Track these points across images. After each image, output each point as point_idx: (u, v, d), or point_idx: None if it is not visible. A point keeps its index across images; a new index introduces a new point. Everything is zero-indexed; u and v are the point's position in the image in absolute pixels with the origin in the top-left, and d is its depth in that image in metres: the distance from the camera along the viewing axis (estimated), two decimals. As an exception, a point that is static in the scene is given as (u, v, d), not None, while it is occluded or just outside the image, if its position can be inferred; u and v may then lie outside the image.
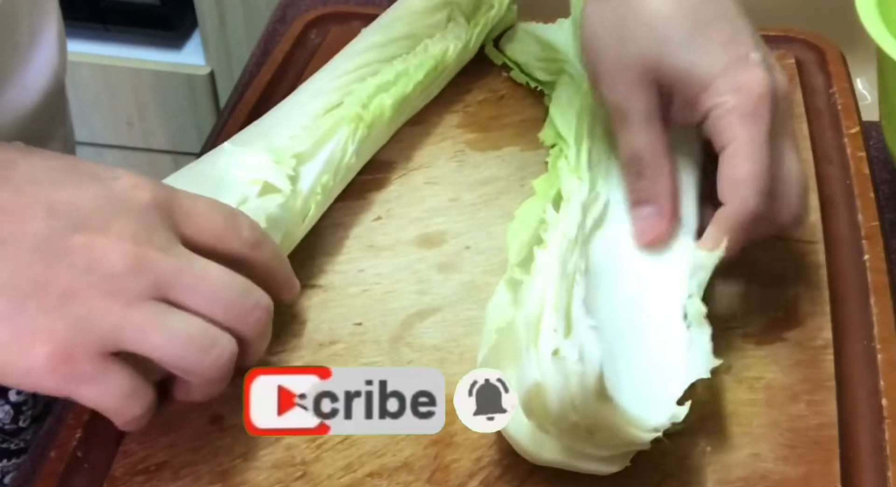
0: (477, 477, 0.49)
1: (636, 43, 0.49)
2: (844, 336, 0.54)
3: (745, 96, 0.48)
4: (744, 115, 0.48)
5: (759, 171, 0.48)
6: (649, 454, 0.49)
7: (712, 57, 0.49)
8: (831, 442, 0.49)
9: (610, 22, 0.50)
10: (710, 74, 0.49)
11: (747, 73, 0.49)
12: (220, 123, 0.73)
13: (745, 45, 0.49)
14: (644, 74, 0.50)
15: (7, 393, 0.68)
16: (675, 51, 0.49)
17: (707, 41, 0.49)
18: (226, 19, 1.45)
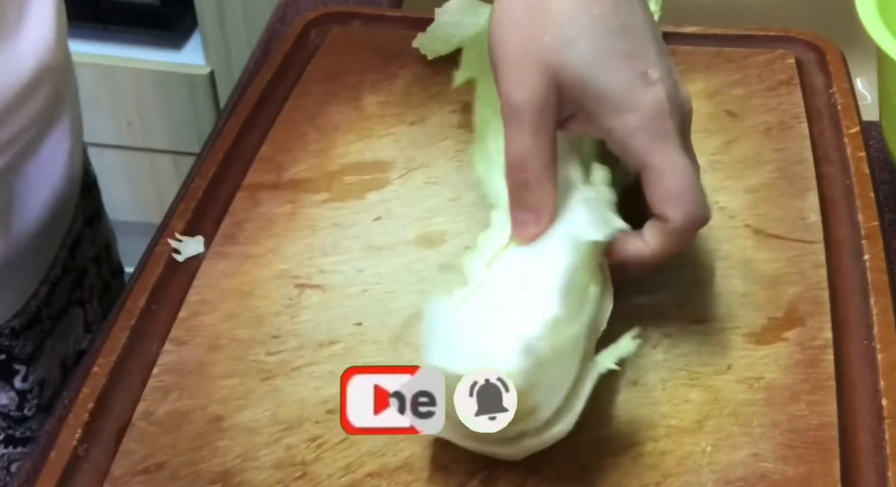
0: (477, 477, 0.49)
1: (541, 42, 0.48)
2: (844, 336, 0.54)
3: (647, 117, 0.48)
4: (651, 133, 0.48)
5: (688, 184, 0.49)
6: (649, 454, 0.49)
7: (614, 71, 0.48)
8: (831, 442, 0.49)
9: (517, 15, 0.49)
10: (611, 90, 0.48)
11: (648, 92, 0.48)
12: (220, 123, 0.73)
13: (646, 60, 0.48)
14: (544, 75, 0.48)
15: (13, 379, 0.68)
16: (580, 57, 0.48)
17: (610, 52, 0.48)
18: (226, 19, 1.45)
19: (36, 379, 0.70)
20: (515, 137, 0.49)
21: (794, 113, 0.67)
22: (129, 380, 0.54)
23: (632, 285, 0.56)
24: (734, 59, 0.72)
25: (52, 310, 0.71)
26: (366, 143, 0.67)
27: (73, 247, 0.73)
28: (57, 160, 0.68)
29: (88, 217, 0.76)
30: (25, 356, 0.69)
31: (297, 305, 0.57)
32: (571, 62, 0.48)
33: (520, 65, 0.48)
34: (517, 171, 0.49)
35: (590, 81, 0.48)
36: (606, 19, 0.48)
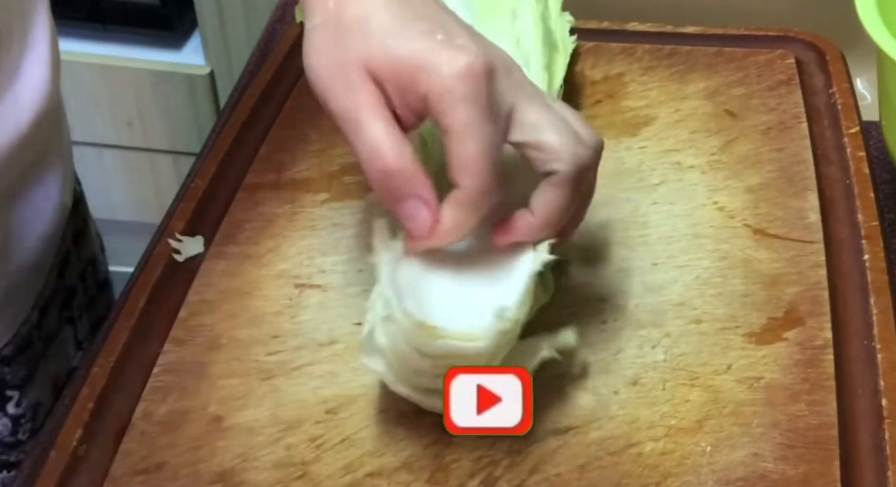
0: (477, 477, 0.49)
1: (346, 48, 0.48)
2: (844, 336, 0.54)
3: (455, 78, 0.46)
4: (457, 96, 0.46)
5: (482, 151, 0.47)
6: (649, 454, 0.49)
7: (417, 42, 0.47)
8: (831, 442, 0.49)
9: (318, 43, 0.49)
10: (417, 56, 0.47)
11: (454, 53, 0.47)
12: (220, 123, 0.73)
13: (448, 33, 0.48)
14: (358, 74, 0.48)
15: (6, 406, 0.68)
16: (381, 42, 0.48)
17: (409, 31, 0.48)
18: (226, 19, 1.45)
19: (29, 404, 0.69)
20: (357, 138, 0.47)
21: (794, 113, 0.67)
22: (129, 380, 0.54)
23: (632, 285, 0.57)
24: (734, 59, 0.72)
25: (43, 332, 0.70)
26: (366, 143, 0.67)
27: (61, 267, 0.72)
28: (51, 194, 0.68)
29: (75, 233, 0.76)
30: (18, 382, 0.69)
31: (297, 305, 0.57)
32: (374, 48, 0.48)
33: (336, 78, 0.48)
34: (373, 164, 0.47)
35: (399, 58, 0.47)
36: (402, 12, 0.48)
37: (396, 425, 0.51)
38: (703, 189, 0.62)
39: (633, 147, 0.65)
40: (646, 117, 0.68)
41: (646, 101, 0.69)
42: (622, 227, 0.60)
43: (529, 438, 0.50)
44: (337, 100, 0.48)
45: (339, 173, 0.65)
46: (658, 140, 0.66)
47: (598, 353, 0.54)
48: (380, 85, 0.48)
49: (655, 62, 0.72)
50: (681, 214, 0.61)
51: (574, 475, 0.48)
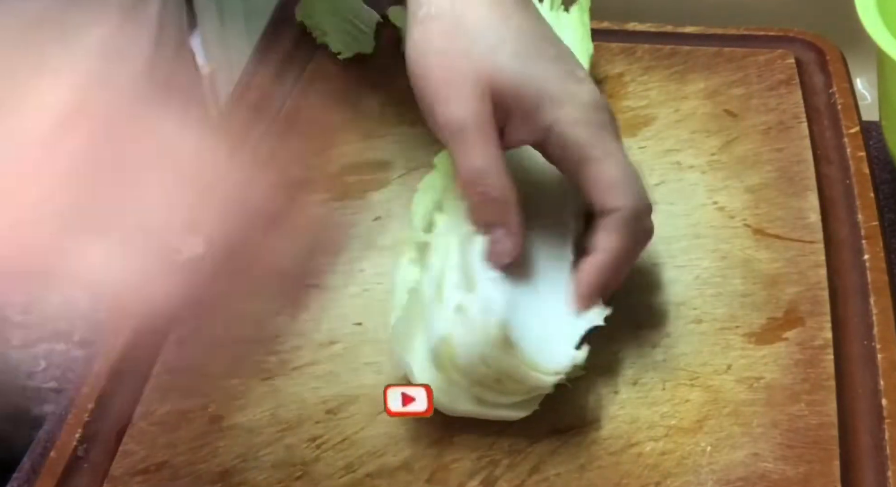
0: (477, 477, 0.49)
1: (467, 57, 0.48)
2: (844, 336, 0.54)
3: (585, 109, 0.48)
4: (590, 125, 0.48)
5: (630, 174, 0.49)
6: (649, 454, 0.49)
7: (546, 68, 0.48)
8: (831, 442, 0.49)
9: (436, 42, 0.49)
10: (548, 84, 0.48)
11: (581, 86, 0.49)
12: (221, 124, 0.73)
13: (570, 62, 0.50)
14: (477, 87, 0.48)
15: None
16: (508, 61, 0.48)
17: (539, 53, 0.49)
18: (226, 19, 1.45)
19: None
20: (464, 155, 0.48)
21: (793, 113, 0.67)
22: (129, 380, 0.54)
23: (632, 285, 0.57)
24: (734, 59, 0.72)
25: None
26: (366, 143, 0.67)
27: None
28: None
29: None
30: None
31: (297, 305, 0.57)
32: (503, 67, 0.48)
33: (450, 85, 0.48)
34: (475, 183, 0.48)
35: (525, 79, 0.48)
36: (526, 28, 0.49)
37: (396, 425, 0.51)
38: (703, 189, 0.62)
39: (633, 147, 0.65)
40: (646, 117, 0.68)
41: (646, 101, 0.69)
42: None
43: (529, 438, 0.50)
44: (448, 109, 0.48)
45: (339, 173, 0.65)
46: (658, 140, 0.66)
47: (598, 353, 0.53)
48: (496, 106, 0.48)
49: (655, 62, 0.72)
50: (681, 214, 0.61)
51: (574, 475, 0.48)
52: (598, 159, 0.48)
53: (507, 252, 0.49)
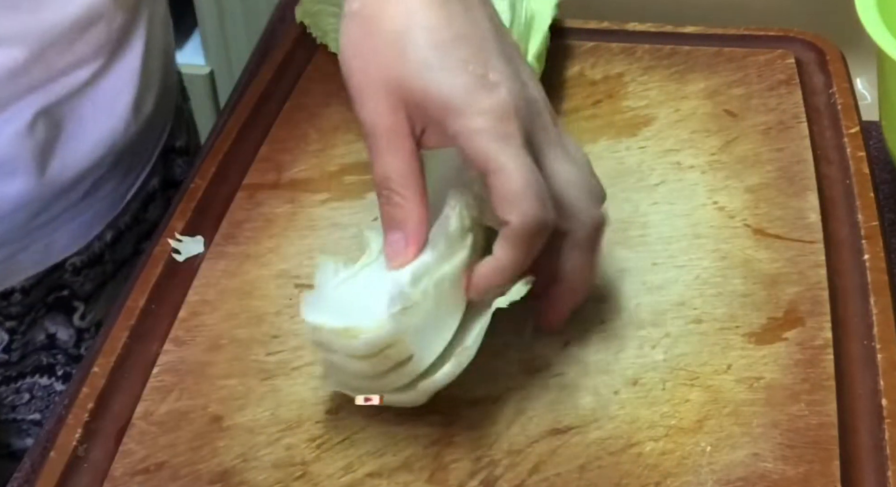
0: (477, 477, 0.49)
1: (379, 62, 0.49)
2: (844, 336, 0.54)
3: (488, 119, 0.47)
4: (491, 136, 0.47)
5: (526, 183, 0.47)
6: (649, 454, 0.49)
7: (451, 77, 0.48)
8: (831, 442, 0.49)
9: (358, 38, 0.49)
10: (450, 95, 0.48)
11: (488, 94, 0.48)
12: (220, 123, 0.73)
13: (484, 63, 0.48)
14: (389, 94, 0.48)
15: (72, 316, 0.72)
16: (415, 70, 0.48)
17: (445, 60, 0.48)
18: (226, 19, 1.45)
19: (93, 319, 0.72)
20: (376, 159, 0.49)
21: (793, 113, 0.67)
22: (129, 380, 0.54)
23: (632, 285, 0.57)
24: (734, 59, 0.72)
25: (115, 255, 0.73)
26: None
27: (146, 201, 0.74)
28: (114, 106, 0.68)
29: (175, 180, 0.78)
30: (84, 295, 0.71)
31: (297, 305, 0.57)
32: (409, 76, 0.48)
33: (366, 89, 0.49)
34: (381, 187, 0.49)
35: (428, 90, 0.48)
36: (438, 30, 0.48)
37: (396, 425, 0.51)
38: (703, 189, 0.62)
39: (633, 147, 0.65)
40: (646, 117, 0.68)
41: (646, 101, 0.69)
42: (622, 227, 0.60)
43: (529, 438, 0.50)
44: (366, 110, 0.49)
45: (339, 173, 0.65)
46: (658, 140, 0.66)
47: (598, 353, 0.54)
48: (410, 111, 0.49)
49: (655, 62, 0.72)
50: (681, 214, 0.61)
51: (574, 475, 0.48)
52: (495, 172, 0.47)
53: (399, 257, 0.50)
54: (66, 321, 0.72)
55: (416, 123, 0.49)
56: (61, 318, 0.71)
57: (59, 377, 0.72)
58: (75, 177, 0.67)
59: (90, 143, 0.67)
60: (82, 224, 0.70)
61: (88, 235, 0.70)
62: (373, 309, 0.47)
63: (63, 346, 0.72)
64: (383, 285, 0.49)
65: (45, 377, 0.72)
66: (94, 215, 0.70)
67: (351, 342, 0.47)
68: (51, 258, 0.69)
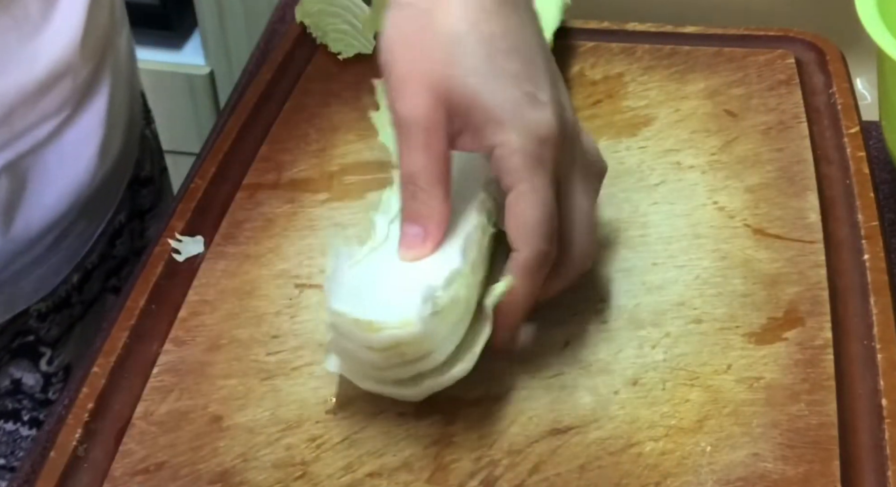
0: (477, 477, 0.49)
1: (428, 59, 0.48)
2: (844, 336, 0.54)
3: (530, 138, 0.47)
4: (528, 157, 0.47)
5: (543, 218, 0.48)
6: (649, 454, 0.49)
7: (502, 89, 0.48)
8: (831, 442, 0.49)
9: (407, 32, 0.49)
10: (498, 107, 0.48)
11: (535, 112, 0.48)
12: (220, 123, 0.73)
13: (535, 82, 0.48)
14: (432, 92, 0.48)
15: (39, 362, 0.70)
16: (465, 75, 0.48)
17: (498, 72, 0.48)
18: (226, 19, 1.45)
19: (61, 363, 0.71)
20: (407, 153, 0.49)
21: (793, 113, 0.67)
22: (129, 380, 0.54)
23: (632, 285, 0.57)
24: (734, 59, 0.72)
25: (84, 296, 0.72)
26: (366, 143, 0.67)
27: (113, 237, 0.73)
28: (80, 155, 0.67)
29: (141, 210, 0.76)
30: (51, 340, 0.70)
31: (297, 305, 0.57)
32: (458, 79, 0.48)
33: (409, 82, 0.48)
34: (409, 183, 0.49)
35: (476, 97, 0.48)
36: (494, 40, 0.48)
37: (396, 425, 0.51)
38: (703, 189, 0.62)
39: (633, 147, 0.66)
40: (646, 117, 0.68)
41: (645, 101, 0.69)
42: (622, 227, 0.60)
43: (529, 438, 0.50)
44: (404, 105, 0.49)
45: (339, 173, 0.65)
46: (658, 140, 0.66)
47: (598, 353, 0.54)
48: (449, 111, 0.48)
49: (655, 62, 0.72)
50: (681, 214, 0.61)
51: (574, 475, 0.48)
52: (521, 194, 0.47)
53: (412, 250, 0.50)
54: (32, 366, 0.70)
55: (454, 125, 0.49)
56: (26, 364, 0.70)
57: (25, 423, 0.71)
58: (41, 231, 0.65)
59: (55, 195, 0.65)
60: (48, 270, 0.68)
61: (54, 281, 0.69)
62: (397, 305, 0.47)
63: (29, 391, 0.70)
64: (403, 279, 0.49)
65: (11, 423, 0.71)
66: (59, 261, 0.69)
67: (372, 335, 0.47)
68: (15, 308, 0.67)
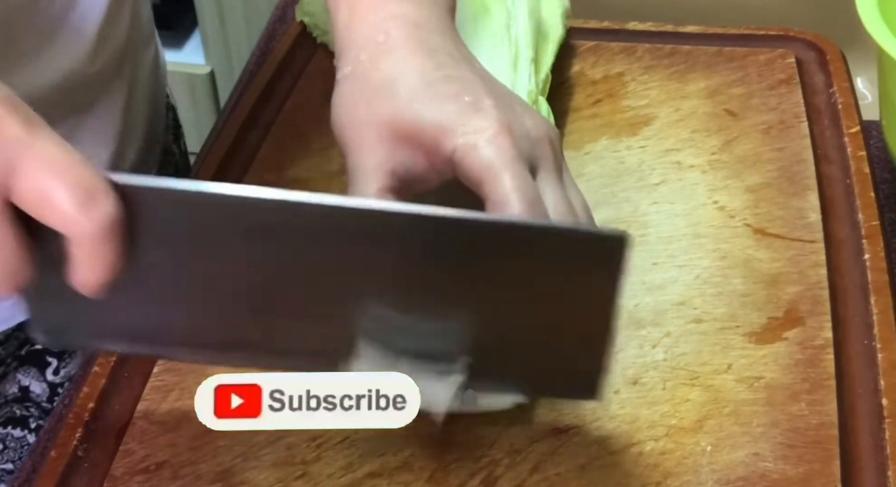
0: (477, 477, 0.49)
1: (369, 107, 0.50)
2: (844, 336, 0.54)
3: (484, 134, 0.47)
4: (490, 148, 0.47)
5: (520, 184, 0.46)
6: (649, 454, 0.49)
7: (444, 104, 0.48)
8: (831, 442, 0.49)
9: (349, 95, 0.51)
10: (445, 119, 0.48)
11: (482, 116, 0.48)
12: (220, 123, 0.73)
13: (474, 94, 0.49)
14: (379, 134, 0.49)
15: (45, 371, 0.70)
16: (407, 104, 0.49)
17: (435, 94, 0.49)
18: (226, 19, 1.45)
19: (67, 374, 0.71)
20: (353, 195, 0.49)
21: (794, 112, 0.67)
22: (129, 380, 0.54)
23: (632, 285, 0.56)
24: (734, 59, 0.72)
25: None
26: (366, 142, 0.67)
27: None
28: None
29: None
30: (57, 351, 0.70)
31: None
32: (399, 109, 0.49)
33: (357, 134, 0.50)
34: None
35: (420, 117, 0.48)
36: (428, 72, 0.49)
37: (396, 425, 0.51)
38: (703, 189, 0.62)
39: (634, 147, 0.65)
40: (646, 117, 0.68)
41: (646, 100, 0.69)
42: (622, 226, 0.60)
43: (529, 438, 0.50)
44: (349, 155, 0.50)
45: (339, 173, 0.65)
46: (658, 140, 0.66)
47: (599, 353, 0.53)
48: (399, 146, 0.49)
49: (655, 61, 0.72)
50: (681, 213, 0.61)
51: (574, 474, 0.48)
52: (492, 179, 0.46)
53: None
54: (39, 374, 0.70)
55: (404, 159, 0.49)
56: (34, 372, 0.70)
57: (33, 430, 0.71)
58: None
59: None
60: None
61: None
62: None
63: (36, 399, 0.71)
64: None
65: (19, 429, 0.71)
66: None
67: None
68: (19, 316, 0.67)
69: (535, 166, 0.48)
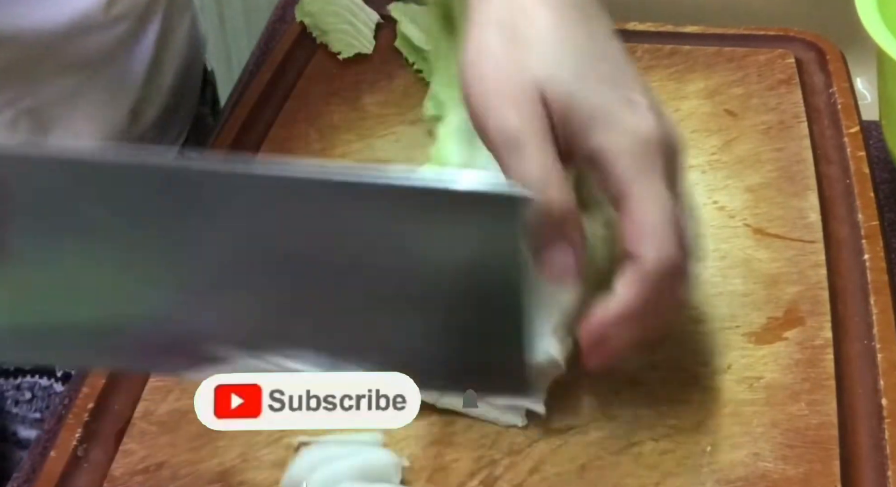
0: (477, 477, 0.49)
1: (523, 66, 0.46)
2: (844, 336, 0.54)
3: (636, 139, 0.45)
4: (637, 160, 0.45)
5: (670, 216, 0.44)
6: (649, 454, 0.49)
7: (598, 91, 0.45)
8: (831, 442, 0.49)
9: (493, 47, 0.47)
10: (598, 108, 0.45)
11: (637, 115, 0.45)
12: (220, 123, 0.73)
13: (629, 87, 0.46)
14: (534, 96, 0.45)
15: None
16: (561, 79, 0.46)
17: (591, 75, 0.46)
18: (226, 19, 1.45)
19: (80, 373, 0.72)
20: (519, 166, 0.45)
21: (793, 112, 0.67)
22: (129, 380, 0.54)
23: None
24: (734, 59, 0.72)
25: None
26: (366, 143, 0.67)
27: None
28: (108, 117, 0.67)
29: None
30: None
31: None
32: (559, 81, 0.46)
33: (506, 94, 0.46)
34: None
35: (574, 100, 0.45)
36: (587, 46, 0.47)
37: (396, 425, 0.51)
38: (703, 189, 0.62)
39: (633, 147, 0.65)
40: (646, 117, 0.68)
41: (646, 100, 0.69)
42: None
43: (529, 438, 0.50)
44: (501, 116, 0.46)
45: (339, 173, 0.65)
46: (658, 140, 0.66)
47: (598, 353, 0.53)
48: (549, 114, 0.46)
49: (655, 62, 0.72)
50: (681, 213, 0.61)
51: (574, 474, 0.48)
52: (635, 199, 0.44)
53: (570, 270, 0.45)
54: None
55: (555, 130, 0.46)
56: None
57: (59, 379, 0.72)
58: None
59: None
60: None
61: None
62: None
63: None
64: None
65: (45, 378, 0.72)
66: None
67: None
68: None
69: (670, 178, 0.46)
